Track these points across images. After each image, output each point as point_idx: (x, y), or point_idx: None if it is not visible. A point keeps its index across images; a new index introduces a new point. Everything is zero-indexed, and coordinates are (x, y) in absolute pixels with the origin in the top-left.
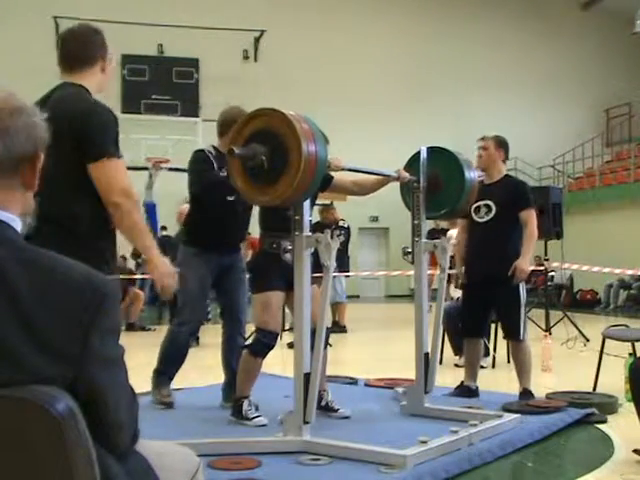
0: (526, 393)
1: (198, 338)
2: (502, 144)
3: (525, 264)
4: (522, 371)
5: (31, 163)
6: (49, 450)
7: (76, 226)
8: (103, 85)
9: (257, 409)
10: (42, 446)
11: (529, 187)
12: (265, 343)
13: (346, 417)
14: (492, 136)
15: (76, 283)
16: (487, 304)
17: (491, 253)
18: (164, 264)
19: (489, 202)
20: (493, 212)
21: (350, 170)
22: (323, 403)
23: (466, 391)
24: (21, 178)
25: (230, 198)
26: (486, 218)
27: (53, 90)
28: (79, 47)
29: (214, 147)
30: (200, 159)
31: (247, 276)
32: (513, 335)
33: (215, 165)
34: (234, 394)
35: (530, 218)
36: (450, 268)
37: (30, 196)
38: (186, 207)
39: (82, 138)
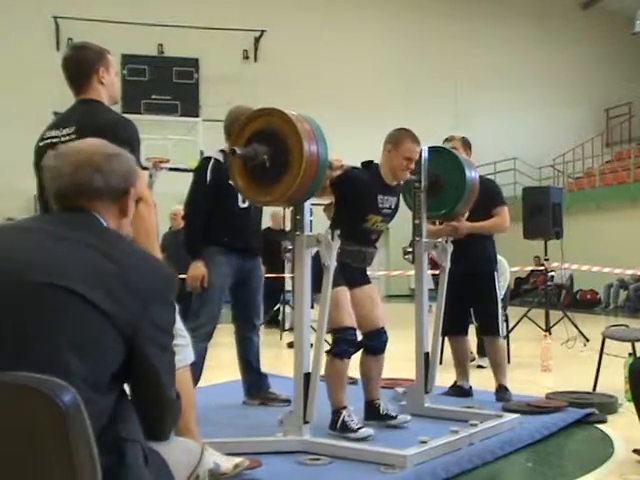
0: (502, 389)
1: None
2: (468, 144)
3: (467, 227)
4: (499, 367)
5: (125, 195)
6: (52, 439)
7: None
8: (112, 95)
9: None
10: (46, 435)
11: (498, 185)
12: (347, 341)
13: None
14: (459, 137)
15: (151, 268)
16: (464, 302)
17: (464, 251)
18: None
19: None
20: None
21: None
22: (382, 412)
23: (459, 391)
24: (118, 206)
25: (244, 205)
26: None
27: (71, 109)
28: (73, 67)
29: (222, 151)
30: (214, 168)
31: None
32: (491, 330)
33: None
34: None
35: (502, 213)
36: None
37: (125, 222)
38: (178, 208)
39: None
